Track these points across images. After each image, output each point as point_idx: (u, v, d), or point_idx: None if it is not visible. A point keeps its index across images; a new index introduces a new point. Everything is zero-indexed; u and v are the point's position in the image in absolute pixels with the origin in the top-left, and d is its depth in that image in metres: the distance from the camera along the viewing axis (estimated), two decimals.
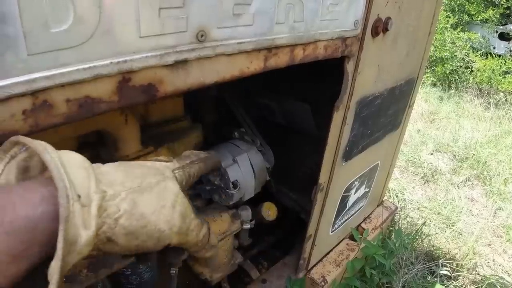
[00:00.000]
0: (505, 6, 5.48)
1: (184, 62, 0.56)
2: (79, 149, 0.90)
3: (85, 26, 0.42)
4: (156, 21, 0.49)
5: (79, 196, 0.37)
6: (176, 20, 0.51)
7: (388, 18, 1.01)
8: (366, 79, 1.09)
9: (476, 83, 5.10)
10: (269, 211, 1.35)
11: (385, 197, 2.03)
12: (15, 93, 0.40)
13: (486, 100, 4.78)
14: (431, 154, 3.41)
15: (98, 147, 0.95)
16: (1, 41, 0.37)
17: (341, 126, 1.11)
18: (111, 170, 0.44)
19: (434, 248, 2.19)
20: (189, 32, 0.54)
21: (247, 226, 1.22)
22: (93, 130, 0.86)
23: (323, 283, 1.43)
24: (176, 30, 0.52)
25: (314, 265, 1.50)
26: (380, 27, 1.00)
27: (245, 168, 1.13)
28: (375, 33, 0.99)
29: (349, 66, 0.99)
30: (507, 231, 2.45)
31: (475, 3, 5.71)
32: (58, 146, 0.72)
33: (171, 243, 0.49)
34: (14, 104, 0.41)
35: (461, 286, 1.94)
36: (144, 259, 0.56)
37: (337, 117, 1.06)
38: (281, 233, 1.70)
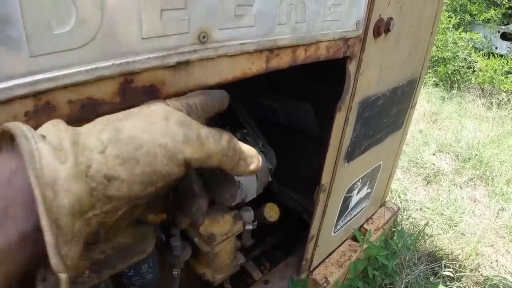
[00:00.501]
0: (507, 6, 5.47)
1: (186, 63, 0.56)
2: None
3: (87, 27, 0.42)
4: (158, 23, 0.49)
5: (43, 136, 0.31)
6: (178, 22, 0.51)
7: (390, 19, 1.01)
8: (368, 79, 1.09)
9: (479, 83, 5.09)
10: (271, 212, 1.35)
11: (388, 198, 2.02)
12: (17, 95, 0.40)
13: (489, 100, 4.77)
14: (434, 154, 3.41)
15: None
16: (4, 42, 0.37)
17: (343, 127, 1.11)
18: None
19: (437, 249, 2.18)
20: (191, 34, 0.54)
21: (249, 227, 1.22)
22: None
23: (325, 284, 1.43)
24: (178, 32, 0.52)
25: (317, 266, 1.50)
26: (382, 28, 1.00)
27: None
28: (377, 34, 0.99)
29: (351, 67, 0.99)
30: (510, 232, 2.45)
31: (477, 3, 5.70)
32: None
33: (191, 160, 0.38)
34: (17, 105, 0.41)
35: (464, 287, 1.93)
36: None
37: (339, 117, 1.06)
38: (283, 234, 1.69)
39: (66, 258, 0.30)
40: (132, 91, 0.51)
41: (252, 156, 0.44)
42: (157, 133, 0.36)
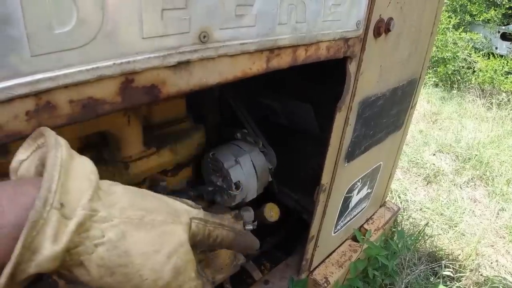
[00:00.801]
0: (507, 6, 5.47)
1: (187, 63, 0.56)
2: (82, 150, 0.91)
3: (88, 27, 0.42)
4: (158, 22, 0.49)
5: (61, 205, 0.33)
6: (178, 21, 0.51)
7: (390, 19, 1.01)
8: (369, 79, 1.09)
9: (479, 83, 5.09)
10: (272, 212, 1.34)
11: (388, 198, 2.02)
12: (18, 94, 0.40)
13: (489, 101, 4.77)
14: (434, 154, 3.41)
15: (101, 148, 0.95)
16: (5, 42, 0.37)
17: (343, 127, 1.11)
18: (119, 192, 0.40)
19: (437, 249, 2.18)
20: (191, 33, 0.54)
21: (250, 227, 1.21)
22: (96, 131, 0.86)
23: (325, 284, 1.43)
24: (179, 31, 0.52)
25: (317, 266, 1.50)
26: (382, 28, 1.00)
27: (247, 169, 1.13)
28: (377, 34, 0.99)
29: (351, 67, 0.99)
30: (510, 232, 2.44)
31: (477, 4, 5.70)
32: None
33: None
34: (18, 105, 0.41)
35: (464, 287, 1.93)
36: None
37: (339, 118, 1.06)
38: (283, 234, 1.69)
39: None
40: (133, 90, 0.51)
41: None
42: (148, 266, 0.37)
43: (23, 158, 0.37)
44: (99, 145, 0.95)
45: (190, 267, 0.42)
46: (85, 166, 0.37)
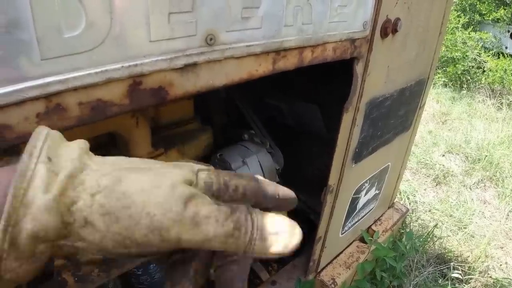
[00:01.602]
0: None
1: (194, 65, 0.56)
2: (91, 150, 0.92)
3: (96, 31, 0.43)
4: (165, 26, 0.50)
5: (49, 159, 0.31)
6: (185, 24, 0.52)
7: (398, 19, 1.01)
8: (376, 80, 1.09)
9: (488, 83, 5.02)
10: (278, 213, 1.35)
11: (396, 199, 2.01)
12: (29, 97, 0.41)
13: (499, 101, 4.72)
14: (443, 155, 3.38)
15: (110, 149, 0.96)
16: (15, 46, 0.38)
17: (350, 128, 1.10)
18: (111, 156, 0.37)
19: (446, 250, 2.16)
20: (198, 36, 0.54)
21: None
22: (105, 132, 0.87)
23: (333, 286, 1.43)
24: (186, 34, 0.52)
25: (324, 267, 1.50)
26: (389, 28, 0.99)
27: (254, 170, 1.14)
28: (384, 34, 0.99)
29: (358, 68, 0.99)
30: None
31: (486, 3, 5.64)
32: None
33: (179, 240, 0.34)
34: (28, 107, 0.42)
35: None
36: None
37: (346, 118, 1.06)
38: None
39: (9, 271, 0.30)
40: (141, 93, 0.52)
41: (278, 233, 0.35)
42: (151, 200, 0.33)
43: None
44: (108, 146, 0.97)
45: (199, 199, 0.35)
46: (76, 141, 0.35)
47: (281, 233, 0.35)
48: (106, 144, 0.96)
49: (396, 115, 1.35)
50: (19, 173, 0.30)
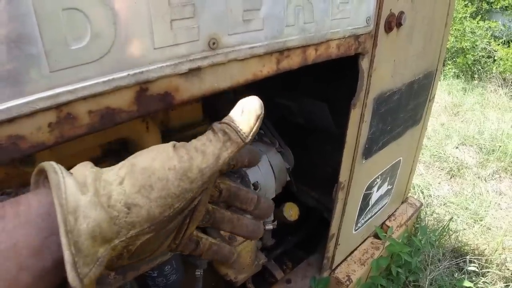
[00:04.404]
0: None
1: (198, 69, 0.57)
2: (104, 156, 0.94)
3: (102, 41, 0.44)
4: (168, 33, 0.51)
5: (70, 173, 0.36)
6: (187, 30, 0.53)
7: (401, 13, 1.01)
8: (382, 75, 1.08)
9: (500, 72, 4.94)
10: (291, 211, 1.35)
11: (410, 194, 2.00)
12: (40, 108, 0.42)
13: (511, 90, 4.63)
14: (457, 147, 3.33)
15: (123, 154, 0.98)
16: (25, 60, 0.39)
17: (359, 124, 1.10)
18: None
19: (462, 244, 2.14)
20: (201, 41, 0.55)
21: (269, 227, 1.23)
22: (116, 138, 0.89)
23: (348, 283, 1.43)
24: (188, 40, 0.54)
25: (339, 265, 1.50)
26: (394, 22, 0.99)
27: (265, 170, 1.15)
28: (388, 29, 0.99)
29: (364, 63, 0.99)
30: None
31: None
32: (84, 154, 0.75)
33: (202, 172, 0.40)
34: (40, 118, 0.43)
35: (490, 282, 1.89)
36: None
37: (354, 114, 1.06)
38: (304, 233, 1.70)
39: (84, 277, 0.33)
40: (148, 99, 0.53)
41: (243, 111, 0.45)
42: (165, 159, 0.39)
43: None
44: (120, 151, 0.98)
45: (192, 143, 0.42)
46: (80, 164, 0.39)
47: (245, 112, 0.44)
48: (118, 149, 0.98)
49: (405, 109, 1.34)
50: (55, 186, 0.33)
